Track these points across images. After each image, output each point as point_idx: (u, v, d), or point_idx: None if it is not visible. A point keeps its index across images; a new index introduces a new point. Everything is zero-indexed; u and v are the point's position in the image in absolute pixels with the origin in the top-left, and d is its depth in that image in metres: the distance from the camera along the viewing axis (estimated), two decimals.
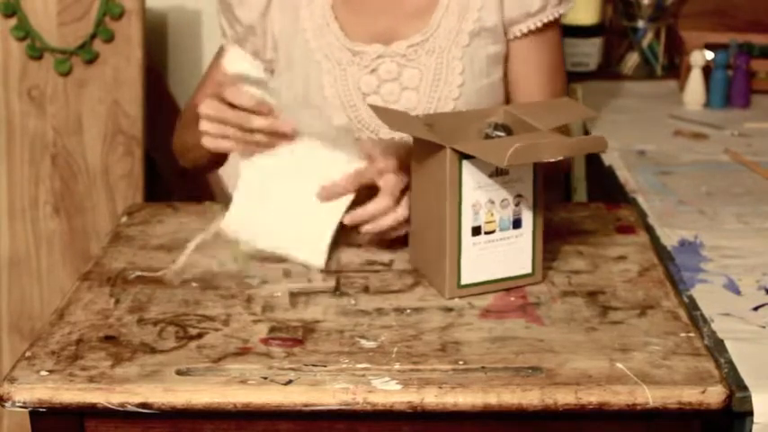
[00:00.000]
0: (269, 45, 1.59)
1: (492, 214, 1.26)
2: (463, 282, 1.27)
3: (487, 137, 1.31)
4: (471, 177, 1.24)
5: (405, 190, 1.34)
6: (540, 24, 1.56)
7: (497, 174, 1.25)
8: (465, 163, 1.23)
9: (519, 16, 1.55)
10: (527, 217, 1.28)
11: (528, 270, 1.30)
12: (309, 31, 1.56)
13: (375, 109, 1.34)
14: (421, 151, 1.30)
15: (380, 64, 1.55)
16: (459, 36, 1.54)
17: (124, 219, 1.52)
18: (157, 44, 2.29)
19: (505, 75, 1.58)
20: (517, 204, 1.27)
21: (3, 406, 1.10)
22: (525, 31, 1.56)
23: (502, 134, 1.30)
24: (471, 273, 1.27)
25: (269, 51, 1.60)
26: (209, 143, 1.35)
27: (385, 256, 1.39)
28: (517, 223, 1.28)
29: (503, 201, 1.26)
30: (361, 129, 1.57)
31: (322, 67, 1.56)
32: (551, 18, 1.56)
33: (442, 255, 1.26)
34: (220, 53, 1.64)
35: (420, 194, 1.31)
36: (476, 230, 1.26)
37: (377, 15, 1.56)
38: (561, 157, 1.20)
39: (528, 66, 1.58)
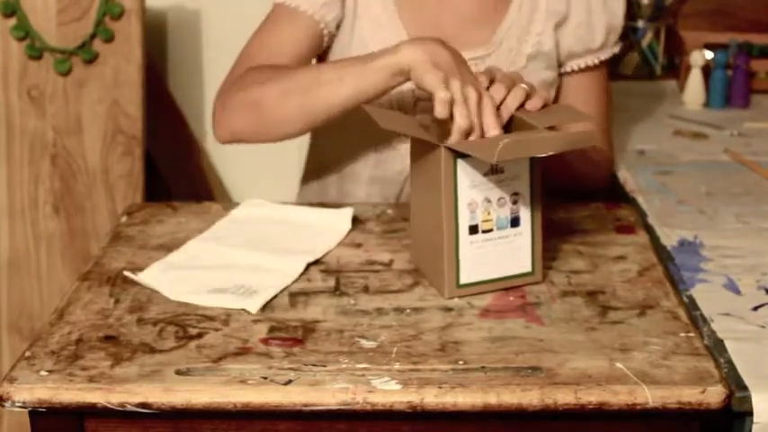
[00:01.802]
0: (341, 21, 1.54)
1: (489, 213, 1.26)
2: (462, 281, 1.27)
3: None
4: (466, 176, 1.24)
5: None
6: (597, 62, 1.60)
7: (493, 172, 1.25)
8: (460, 162, 1.23)
9: (581, 51, 1.58)
10: (525, 215, 1.28)
11: (528, 269, 1.30)
12: (366, 20, 1.53)
13: (369, 109, 1.34)
14: (418, 151, 1.30)
15: None
16: (517, 57, 1.55)
17: (124, 219, 1.52)
18: (157, 44, 2.29)
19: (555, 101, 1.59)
20: (515, 203, 1.27)
21: (3, 406, 1.10)
22: (583, 66, 1.60)
23: None
24: (470, 272, 1.27)
25: (343, 27, 1.55)
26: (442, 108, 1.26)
27: (385, 256, 1.39)
28: (515, 222, 1.28)
29: (499, 199, 1.26)
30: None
31: None
32: (609, 56, 1.61)
33: (440, 254, 1.26)
34: (276, 13, 1.54)
35: (419, 194, 1.32)
36: (473, 229, 1.26)
37: (438, 19, 1.54)
38: (551, 152, 1.20)
39: (579, 98, 1.59)
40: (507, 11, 1.56)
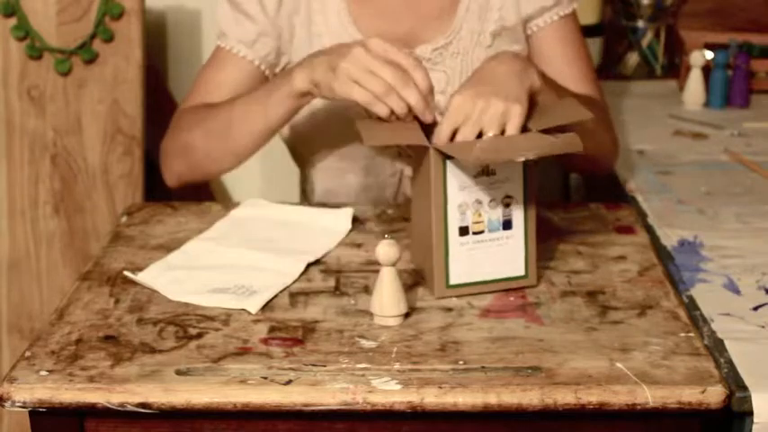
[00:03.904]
0: (283, 48, 1.55)
1: (480, 215, 1.26)
2: (452, 282, 1.27)
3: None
4: (455, 177, 1.24)
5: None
6: (556, 18, 1.57)
7: (484, 174, 1.25)
8: (449, 163, 1.23)
9: (535, 11, 1.56)
10: (518, 218, 1.27)
11: (521, 272, 1.29)
12: (326, 36, 1.53)
13: (358, 124, 1.32)
14: (414, 153, 1.30)
15: None
16: (481, 37, 1.54)
17: (124, 219, 1.52)
18: (157, 44, 2.29)
19: None
20: (507, 205, 1.26)
21: (3, 406, 1.10)
22: (542, 25, 1.57)
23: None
24: (461, 273, 1.27)
25: (283, 55, 1.56)
26: (345, 86, 1.29)
27: None
28: (507, 224, 1.27)
29: (491, 201, 1.26)
30: None
31: None
32: (567, 11, 1.58)
33: (431, 254, 1.26)
34: (217, 55, 1.58)
35: (416, 195, 1.32)
36: (463, 231, 1.26)
37: (397, 19, 1.54)
38: (532, 156, 1.19)
39: (553, 59, 1.57)
40: None
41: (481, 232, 1.27)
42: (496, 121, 1.24)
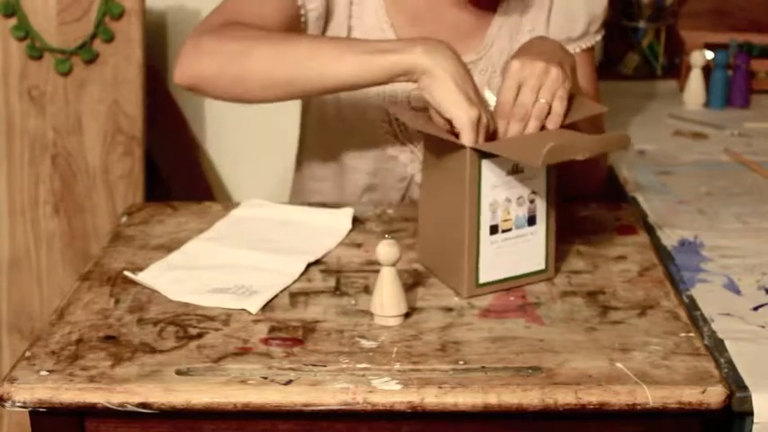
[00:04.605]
0: (322, 20, 1.50)
1: (509, 212, 1.27)
2: (481, 280, 1.27)
3: None
4: (490, 176, 1.24)
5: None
6: (578, 50, 1.58)
7: (514, 172, 1.25)
8: (484, 162, 1.23)
9: (561, 41, 1.55)
10: (541, 213, 1.28)
11: (542, 266, 1.30)
12: (358, 31, 1.51)
13: (396, 109, 1.33)
14: (435, 150, 1.29)
15: None
16: (510, 56, 1.53)
17: (124, 219, 1.52)
18: (157, 44, 2.29)
19: None
20: (532, 202, 1.27)
21: (3, 406, 1.10)
22: None
23: None
24: (489, 271, 1.27)
25: (312, 19, 1.49)
26: (463, 117, 1.24)
27: None
28: (532, 220, 1.28)
29: (519, 198, 1.27)
30: (405, 142, 1.56)
31: None
32: (590, 44, 1.59)
33: (460, 254, 1.26)
34: None
35: (434, 193, 1.31)
36: (493, 229, 1.26)
37: (429, 27, 1.52)
38: (591, 155, 1.20)
39: None
40: (496, 12, 1.55)
41: (509, 230, 1.27)
42: (552, 84, 1.28)
